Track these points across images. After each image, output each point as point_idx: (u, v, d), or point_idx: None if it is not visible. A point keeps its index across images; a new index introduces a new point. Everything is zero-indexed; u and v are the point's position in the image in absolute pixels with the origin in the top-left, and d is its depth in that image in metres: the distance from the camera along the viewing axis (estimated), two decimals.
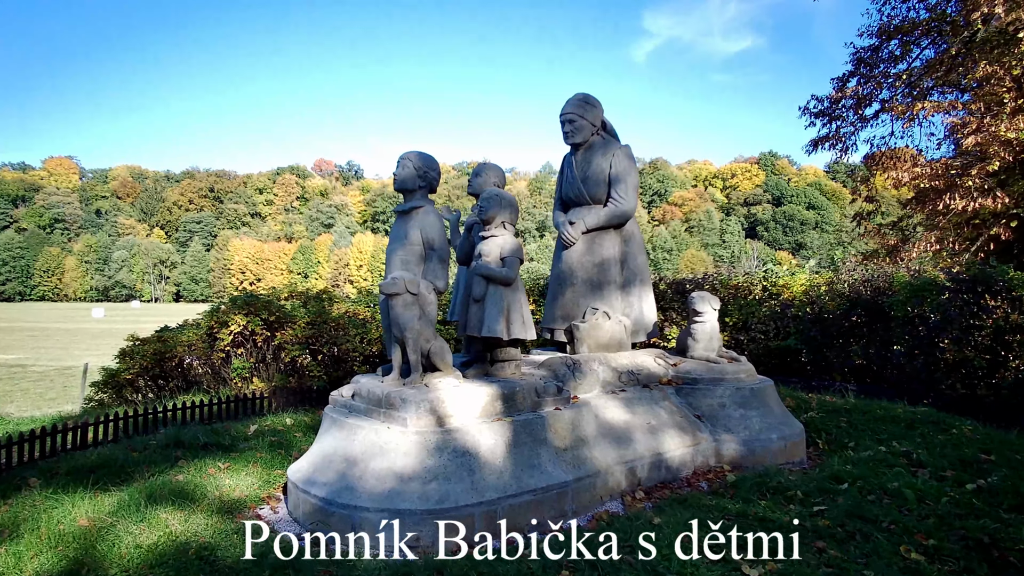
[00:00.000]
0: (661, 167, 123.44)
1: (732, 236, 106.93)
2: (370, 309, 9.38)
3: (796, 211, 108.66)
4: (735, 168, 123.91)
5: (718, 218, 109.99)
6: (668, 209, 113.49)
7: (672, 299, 10.58)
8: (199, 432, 5.97)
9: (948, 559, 3.31)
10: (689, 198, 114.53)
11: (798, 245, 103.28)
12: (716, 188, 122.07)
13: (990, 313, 7.56)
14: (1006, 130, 9.73)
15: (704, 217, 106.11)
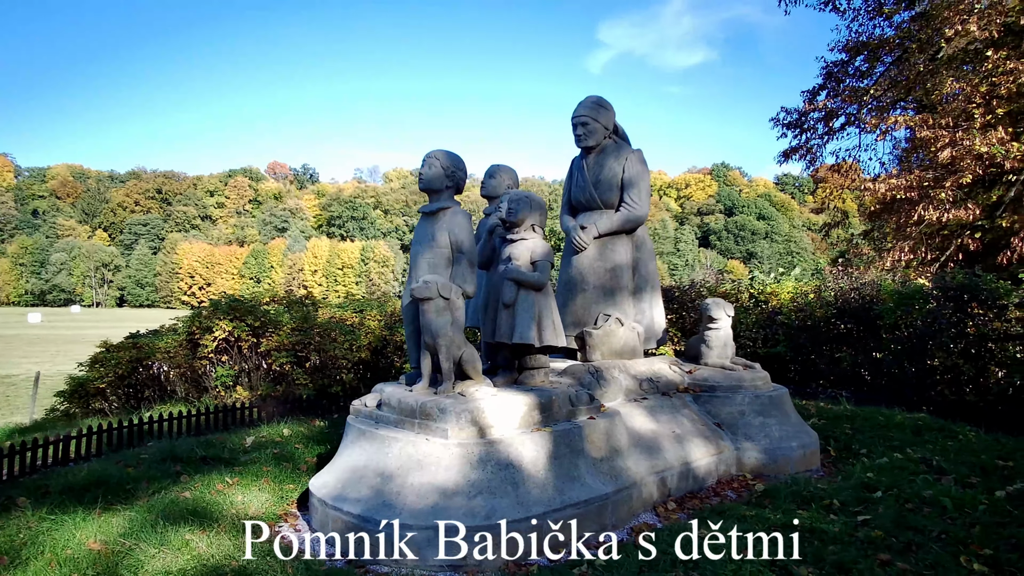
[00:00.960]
0: None
1: (686, 245, 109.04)
2: (358, 315, 9.08)
3: (747, 221, 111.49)
4: (689, 178, 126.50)
5: (672, 227, 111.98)
6: None
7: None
8: (194, 445, 5.61)
9: (1008, 569, 3.29)
10: None
11: (749, 254, 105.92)
12: (670, 198, 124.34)
13: (975, 321, 7.76)
14: (980, 144, 10.08)
15: (659, 226, 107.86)
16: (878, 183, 11.43)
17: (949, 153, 10.39)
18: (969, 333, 7.76)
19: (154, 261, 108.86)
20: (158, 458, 5.27)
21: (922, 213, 11.03)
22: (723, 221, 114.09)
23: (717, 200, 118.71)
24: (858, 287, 9.08)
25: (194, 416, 6.66)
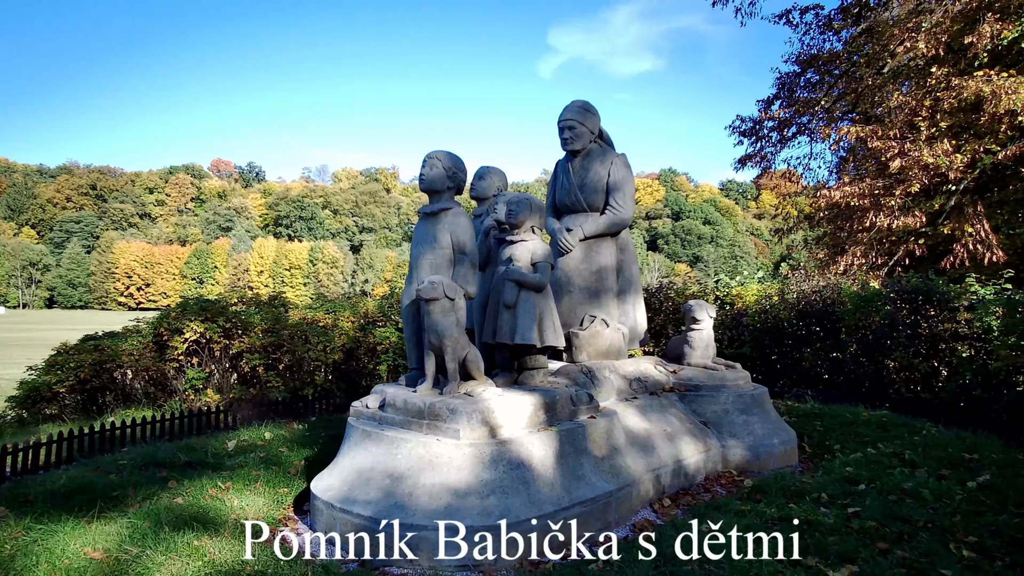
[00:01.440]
0: None
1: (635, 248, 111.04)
2: (330, 316, 8.94)
3: (694, 226, 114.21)
4: (637, 183, 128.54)
5: None
6: None
7: None
8: (174, 450, 5.44)
9: (996, 555, 3.51)
10: None
11: (696, 258, 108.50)
12: None
13: (929, 322, 8.20)
14: (928, 155, 10.66)
15: None
16: (834, 191, 11.93)
17: (899, 163, 10.94)
18: (923, 334, 8.20)
19: (88, 260, 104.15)
20: (139, 464, 5.09)
21: (874, 219, 11.58)
22: (670, 225, 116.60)
23: (665, 205, 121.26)
24: (819, 290, 9.47)
25: (167, 421, 6.46)
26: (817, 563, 3.33)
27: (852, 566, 3.27)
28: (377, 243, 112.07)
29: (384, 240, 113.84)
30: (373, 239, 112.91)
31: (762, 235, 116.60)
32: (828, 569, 3.25)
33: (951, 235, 11.67)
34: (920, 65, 13.10)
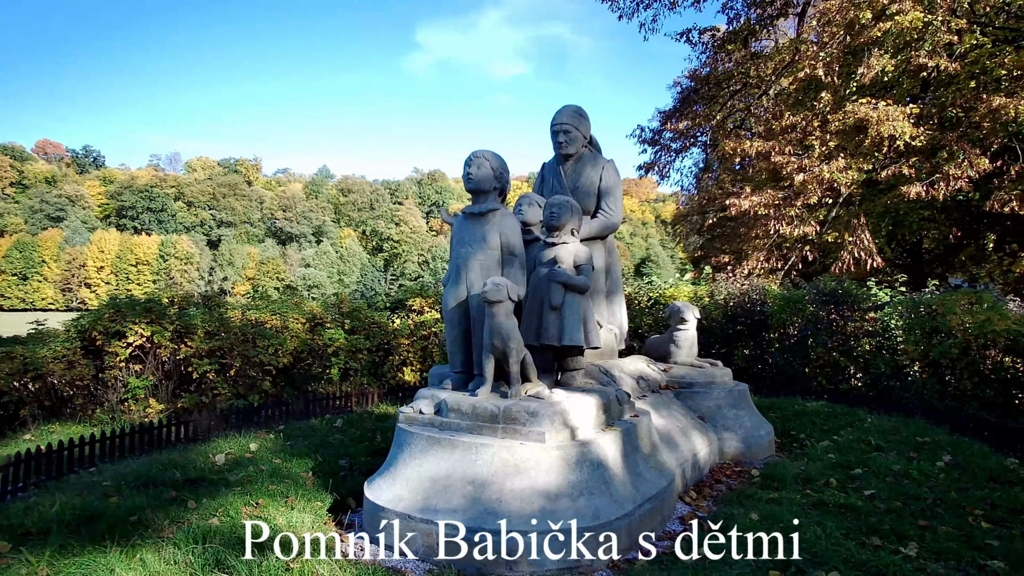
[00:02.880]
0: (439, 179, 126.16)
1: None
2: (277, 316, 8.38)
3: None
4: (515, 184, 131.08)
5: None
6: None
7: None
8: (159, 467, 4.91)
9: (1004, 523, 4.07)
10: None
11: None
12: None
13: (845, 321, 9.19)
14: (828, 171, 11.91)
15: None
16: (743, 199, 12.97)
17: (802, 177, 12.14)
18: (840, 332, 9.17)
19: None
20: (133, 485, 4.55)
21: (776, 227, 12.74)
22: None
23: None
24: (747, 291, 10.27)
25: (118, 437, 5.79)
26: (884, 542, 3.68)
27: (913, 543, 3.66)
28: (238, 238, 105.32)
29: (245, 235, 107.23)
30: (233, 234, 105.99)
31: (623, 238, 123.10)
32: (898, 546, 3.61)
33: (838, 243, 13.11)
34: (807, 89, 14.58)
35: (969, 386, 7.85)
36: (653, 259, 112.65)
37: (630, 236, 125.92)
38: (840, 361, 9.07)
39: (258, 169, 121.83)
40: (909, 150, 11.86)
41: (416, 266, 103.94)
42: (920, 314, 8.61)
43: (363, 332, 9.08)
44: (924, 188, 11.57)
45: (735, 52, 17.35)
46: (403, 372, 9.48)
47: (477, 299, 4.36)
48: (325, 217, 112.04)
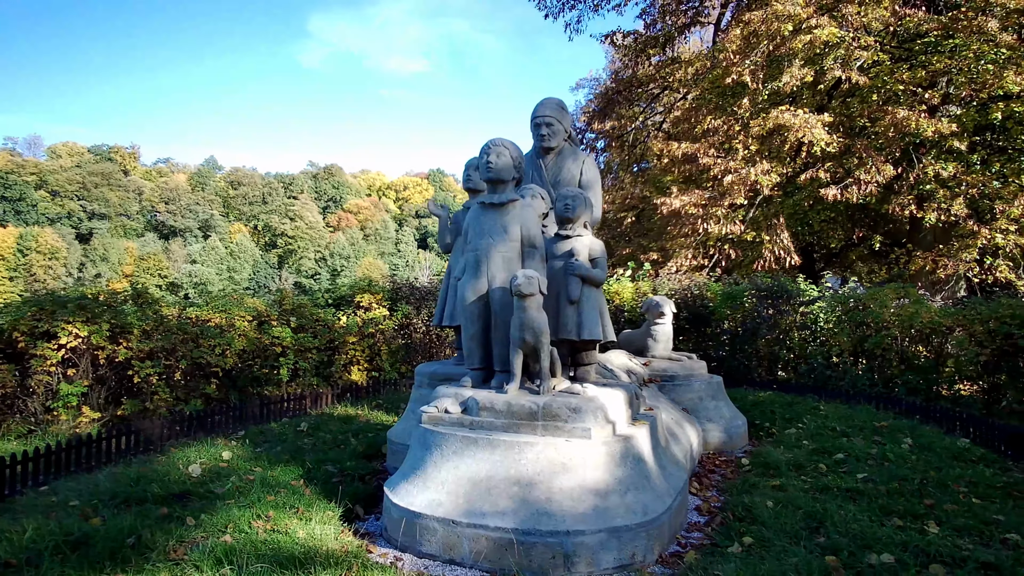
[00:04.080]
0: (336, 173, 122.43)
1: (406, 246, 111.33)
2: (221, 314, 7.74)
3: None
4: (407, 181, 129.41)
5: (393, 228, 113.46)
6: (344, 216, 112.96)
7: None
8: (131, 482, 4.39)
9: (991, 499, 4.40)
10: (364, 207, 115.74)
11: None
12: (390, 199, 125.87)
13: (782, 316, 9.73)
14: (754, 173, 12.56)
15: (380, 226, 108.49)
16: (673, 199, 13.42)
17: (732, 179, 12.74)
18: (779, 325, 9.69)
19: None
20: (109, 503, 4.06)
21: (704, 226, 13.30)
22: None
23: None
24: (689, 287, 10.63)
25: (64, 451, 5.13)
26: (904, 522, 3.88)
27: (931, 521, 3.88)
28: (113, 232, 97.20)
29: (122, 229, 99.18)
30: (107, 227, 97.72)
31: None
32: (920, 525, 3.82)
33: (758, 242, 13.87)
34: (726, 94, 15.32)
35: (896, 373, 8.52)
36: None
37: None
38: (780, 353, 9.58)
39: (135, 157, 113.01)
40: (824, 156, 12.73)
41: (313, 263, 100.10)
42: (850, 308, 9.24)
43: (310, 330, 8.60)
44: (839, 191, 12.47)
45: (655, 56, 17.96)
46: (351, 372, 9.07)
47: (500, 292, 4.20)
48: (213, 211, 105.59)
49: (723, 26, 17.22)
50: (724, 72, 13.49)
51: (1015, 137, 13.85)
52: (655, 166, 16.46)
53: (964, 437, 6.14)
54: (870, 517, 3.94)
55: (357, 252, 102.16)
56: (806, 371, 9.35)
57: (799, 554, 3.38)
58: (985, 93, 11.96)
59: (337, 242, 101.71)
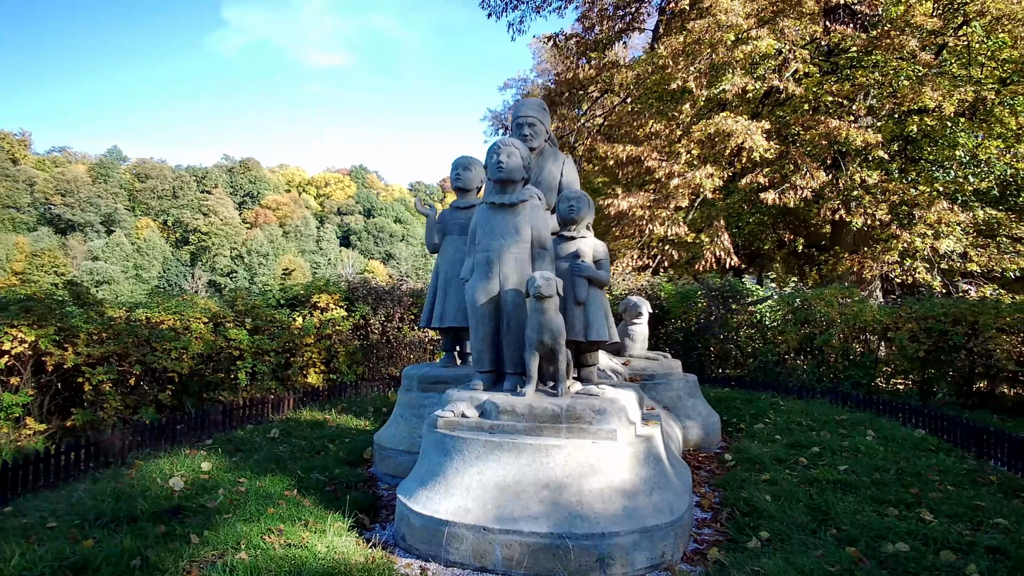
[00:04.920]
0: (253, 168, 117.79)
1: (328, 244, 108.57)
2: (174, 315, 7.26)
3: (385, 224, 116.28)
4: (328, 177, 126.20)
5: (314, 225, 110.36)
6: (262, 212, 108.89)
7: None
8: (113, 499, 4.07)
9: (961, 486, 4.72)
10: (284, 203, 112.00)
11: (388, 255, 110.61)
12: (310, 195, 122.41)
13: (733, 315, 10.11)
14: (699, 177, 12.98)
15: (301, 223, 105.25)
16: (620, 201, 13.68)
17: (678, 181, 13.11)
18: (730, 324, 10.06)
19: None
20: (94, 523, 3.74)
21: (651, 228, 13.63)
22: (363, 222, 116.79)
23: (356, 201, 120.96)
24: (644, 287, 10.87)
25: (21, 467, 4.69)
26: (899, 511, 4.10)
27: (924, 510, 4.12)
28: (1, 226, 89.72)
29: (11, 222, 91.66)
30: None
31: None
32: (914, 513, 4.05)
33: (699, 243, 14.35)
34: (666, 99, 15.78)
35: (841, 368, 9.03)
36: None
37: None
38: (731, 351, 9.95)
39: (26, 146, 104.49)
40: (763, 161, 13.31)
41: (229, 260, 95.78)
42: (796, 307, 9.72)
43: (266, 332, 8.23)
44: (777, 195, 13.07)
45: (595, 60, 18.25)
46: (307, 375, 8.75)
47: (513, 294, 4.15)
48: (117, 204, 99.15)
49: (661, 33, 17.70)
50: (669, 78, 13.87)
51: (922, 148, 14.99)
52: (587, 169, 16.74)
53: (918, 428, 6.55)
54: (868, 508, 4.15)
55: (276, 249, 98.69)
56: (756, 368, 9.75)
57: (820, 547, 3.52)
58: (905, 106, 12.82)
59: (255, 239, 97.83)
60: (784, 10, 13.23)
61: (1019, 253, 13.38)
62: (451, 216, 5.60)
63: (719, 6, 12.89)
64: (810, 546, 3.55)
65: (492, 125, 29.37)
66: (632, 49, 20.76)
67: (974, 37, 13.06)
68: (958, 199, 13.67)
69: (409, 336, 10.10)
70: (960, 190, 13.75)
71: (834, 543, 3.58)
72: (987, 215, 13.40)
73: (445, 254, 5.55)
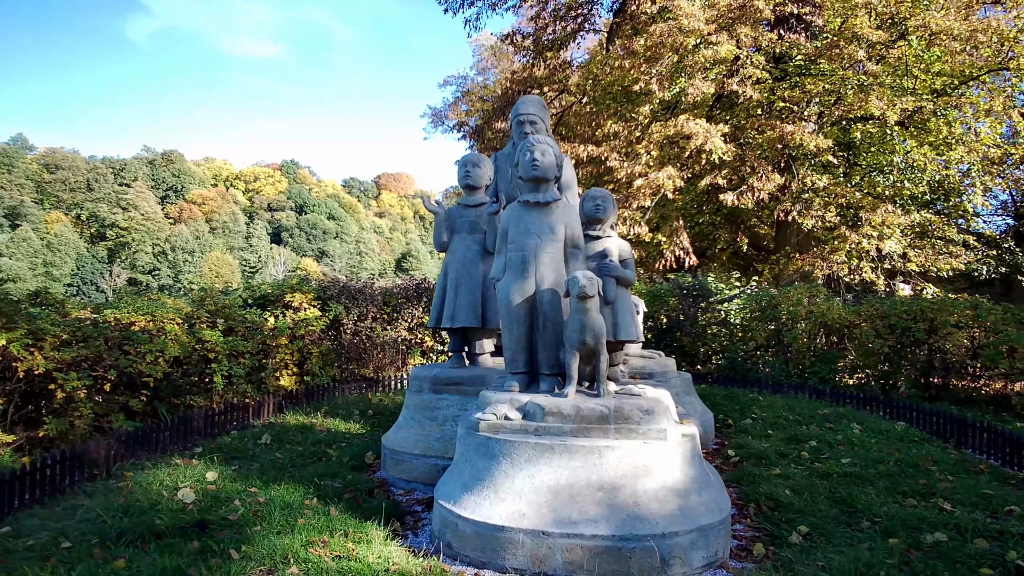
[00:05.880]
0: (176, 160, 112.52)
1: (259, 240, 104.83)
2: (146, 317, 6.81)
3: (319, 220, 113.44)
4: (258, 172, 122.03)
5: (243, 221, 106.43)
6: (186, 207, 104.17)
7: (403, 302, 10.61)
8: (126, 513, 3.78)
9: (950, 473, 4.98)
10: (210, 197, 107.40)
11: (322, 253, 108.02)
12: (239, 190, 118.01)
13: (702, 312, 10.36)
14: (659, 178, 13.23)
15: (229, 219, 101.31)
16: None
17: (641, 182, 13.32)
18: (699, 322, 10.30)
19: None
20: (121, 541, 3.45)
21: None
22: (295, 219, 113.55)
23: (288, 197, 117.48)
24: None
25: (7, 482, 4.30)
26: (920, 502, 4.28)
27: (938, 499, 4.31)
28: None
29: None
30: None
31: (383, 232, 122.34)
32: (934, 502, 4.24)
33: (657, 242, 14.64)
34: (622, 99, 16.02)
35: (808, 364, 9.39)
36: (414, 254, 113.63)
37: (390, 231, 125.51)
38: (701, 348, 10.19)
39: None
40: (722, 163, 13.70)
41: (151, 257, 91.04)
42: (762, 305, 10.04)
43: (240, 333, 7.86)
44: (735, 197, 13.48)
45: (553, 58, 18.35)
46: (280, 377, 8.41)
47: (549, 294, 4.10)
48: (23, 197, 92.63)
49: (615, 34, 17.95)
50: (628, 79, 14.07)
51: (861, 153, 15.80)
52: None
53: (899, 421, 6.86)
54: (889, 499, 4.31)
55: (203, 246, 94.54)
56: (727, 365, 10.03)
57: (862, 540, 3.63)
58: (853, 114, 13.47)
59: (180, 235, 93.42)
60: (741, 17, 13.65)
61: (951, 254, 14.30)
62: (460, 214, 5.49)
63: (682, 10, 13.17)
64: (852, 539, 3.66)
65: (432, 122, 29.12)
66: (575, 52, 20.88)
67: (911, 51, 13.83)
68: (897, 202, 14.49)
69: (382, 336, 9.86)
70: (899, 194, 14.58)
71: (873, 534, 3.70)
72: (922, 218, 14.25)
73: (454, 253, 5.43)
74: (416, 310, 10.28)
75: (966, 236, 14.86)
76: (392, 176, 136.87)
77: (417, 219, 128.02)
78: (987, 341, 8.25)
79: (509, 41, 18.04)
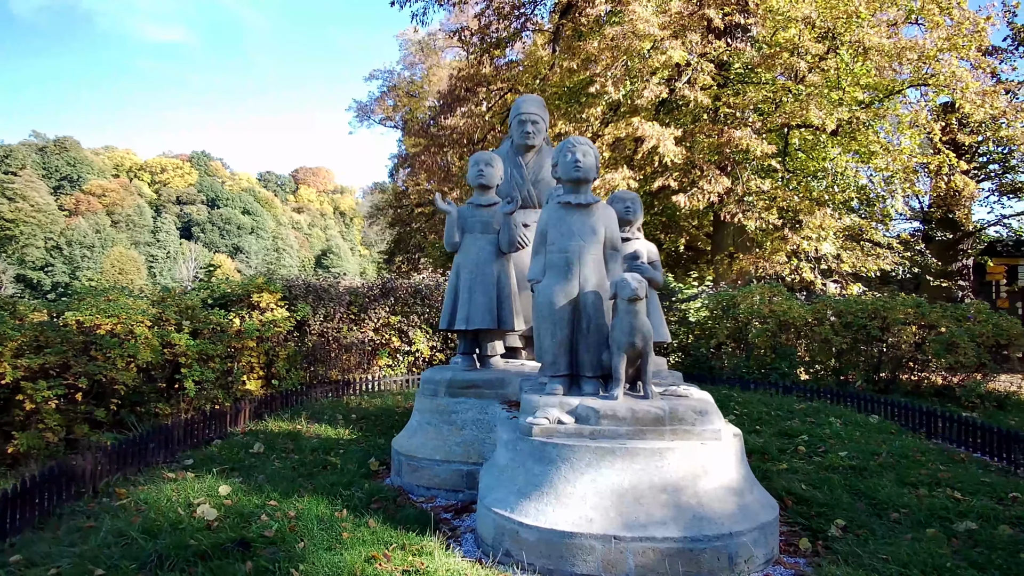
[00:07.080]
0: (71, 148, 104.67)
1: (167, 236, 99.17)
2: (112, 320, 6.27)
3: (233, 215, 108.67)
4: (165, 163, 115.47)
5: (150, 215, 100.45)
6: (84, 199, 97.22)
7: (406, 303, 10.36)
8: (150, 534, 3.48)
9: (940, 465, 5.31)
10: (112, 189, 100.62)
11: (236, 248, 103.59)
12: (144, 182, 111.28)
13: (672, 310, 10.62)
14: (618, 180, 13.45)
15: (134, 212, 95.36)
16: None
17: (597, 183, 13.51)
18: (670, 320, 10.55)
19: None
20: (163, 566, 3.17)
21: None
22: (207, 213, 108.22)
23: (199, 190, 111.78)
24: None
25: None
26: (931, 492, 4.53)
27: (946, 488, 4.58)
28: None
29: None
30: None
31: (302, 228, 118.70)
32: (943, 491, 4.50)
33: None
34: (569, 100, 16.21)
35: (769, 360, 9.80)
36: (334, 251, 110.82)
37: (308, 227, 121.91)
38: (664, 346, 10.43)
39: None
40: (674, 166, 14.08)
41: (43, 252, 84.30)
42: (723, 305, 10.40)
43: (206, 335, 7.41)
44: (686, 199, 13.89)
45: (499, 56, 18.32)
46: (247, 382, 7.99)
47: (593, 296, 4.07)
48: None
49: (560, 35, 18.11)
50: (586, 80, 14.24)
51: (796, 159, 16.66)
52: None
53: (873, 415, 7.25)
54: (905, 490, 4.54)
55: (104, 240, 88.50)
56: (690, 362, 10.32)
57: (903, 531, 3.81)
58: (793, 121, 14.16)
59: (77, 228, 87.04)
60: (691, 25, 14.07)
61: (878, 255, 15.31)
62: (472, 214, 5.37)
63: (636, 15, 13.43)
64: (892, 531, 3.83)
65: (357, 116, 28.56)
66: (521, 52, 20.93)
67: (842, 64, 14.68)
68: (830, 207, 15.37)
69: (349, 337, 9.54)
70: (832, 199, 15.46)
71: (910, 527, 3.89)
72: (853, 222, 15.18)
73: (468, 253, 5.31)
74: (382, 310, 10.00)
75: (890, 239, 15.94)
76: (311, 170, 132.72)
77: (337, 215, 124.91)
78: (930, 338, 8.87)
79: (458, 38, 17.86)
